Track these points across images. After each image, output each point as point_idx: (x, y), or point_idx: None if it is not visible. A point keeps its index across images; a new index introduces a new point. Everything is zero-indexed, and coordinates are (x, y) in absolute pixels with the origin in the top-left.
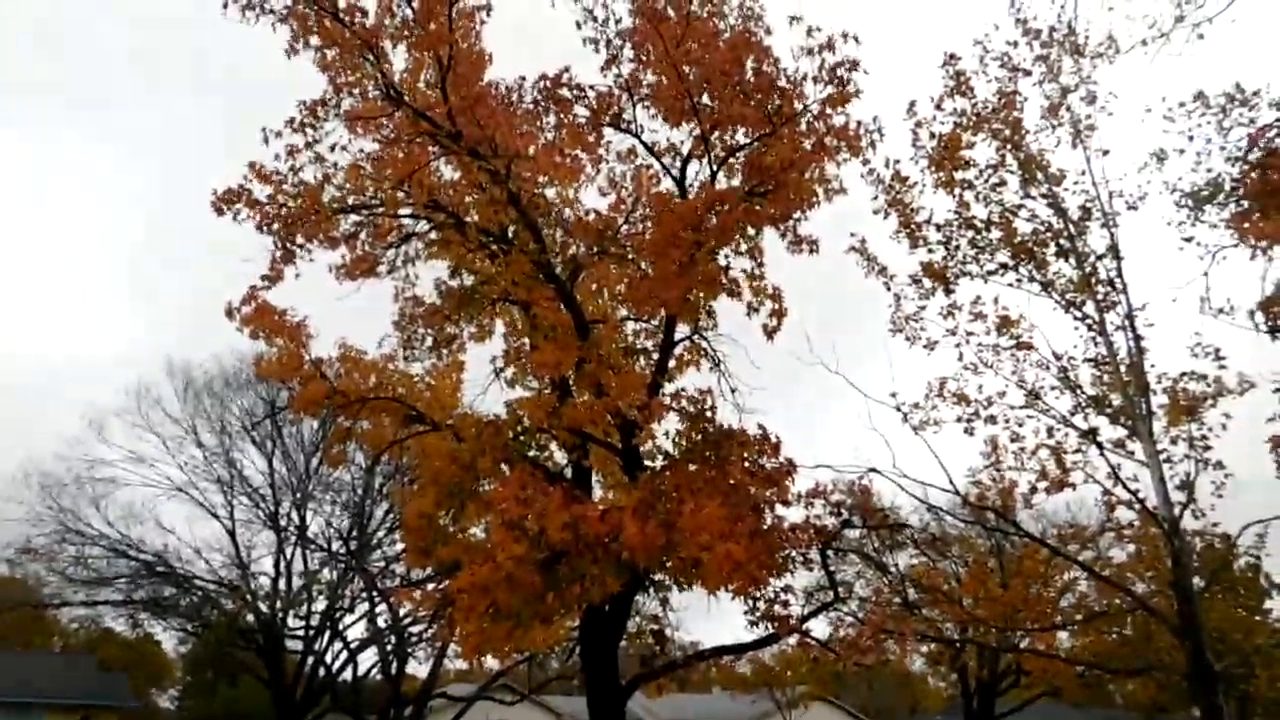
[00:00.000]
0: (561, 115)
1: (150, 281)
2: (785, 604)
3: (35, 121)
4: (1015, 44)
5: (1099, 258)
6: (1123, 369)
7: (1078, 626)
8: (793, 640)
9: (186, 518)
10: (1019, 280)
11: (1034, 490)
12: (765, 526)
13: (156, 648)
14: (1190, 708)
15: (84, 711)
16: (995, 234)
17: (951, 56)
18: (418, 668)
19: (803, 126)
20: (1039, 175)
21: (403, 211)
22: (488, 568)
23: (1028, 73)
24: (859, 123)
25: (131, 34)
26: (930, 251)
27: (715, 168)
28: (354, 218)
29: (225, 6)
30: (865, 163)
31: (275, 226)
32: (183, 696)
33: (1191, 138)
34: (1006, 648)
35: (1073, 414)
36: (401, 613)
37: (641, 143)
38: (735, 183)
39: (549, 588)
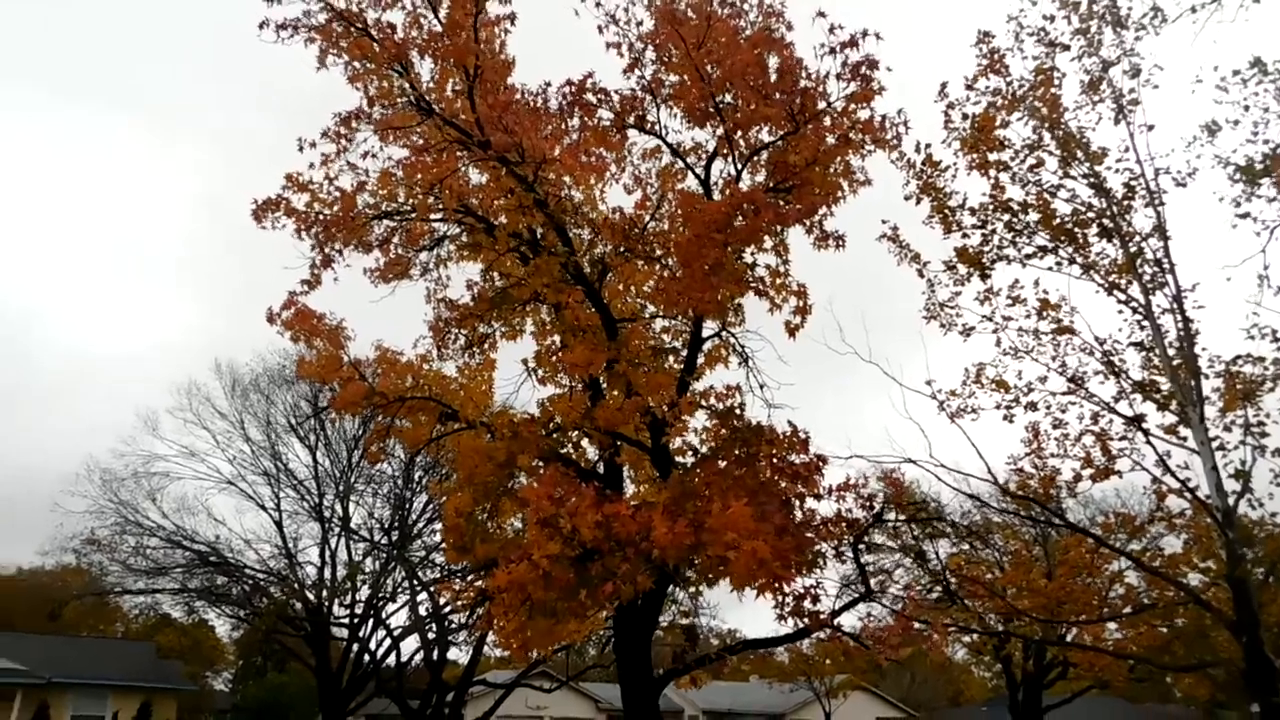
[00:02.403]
0: (585, 118)
1: (202, 277)
2: (815, 599)
3: (98, 126)
4: (1052, 18)
5: (1144, 238)
6: (1171, 352)
7: (1126, 619)
8: (824, 634)
9: (236, 509)
10: (1059, 263)
11: (1078, 478)
12: (794, 522)
13: (210, 634)
14: (1250, 704)
15: (145, 694)
16: (1033, 216)
17: (985, 34)
18: (458, 654)
19: (826, 122)
20: (1079, 154)
21: (434, 216)
22: (524, 566)
23: (1066, 47)
24: (883, 116)
25: (194, 39)
26: (965, 236)
27: (740, 166)
28: (387, 222)
29: (261, 28)
30: (894, 148)
31: (314, 232)
32: (235, 680)
33: (1247, 108)
34: (1050, 640)
35: (1117, 400)
36: (442, 601)
37: (666, 144)
38: (760, 178)
39: (582, 585)
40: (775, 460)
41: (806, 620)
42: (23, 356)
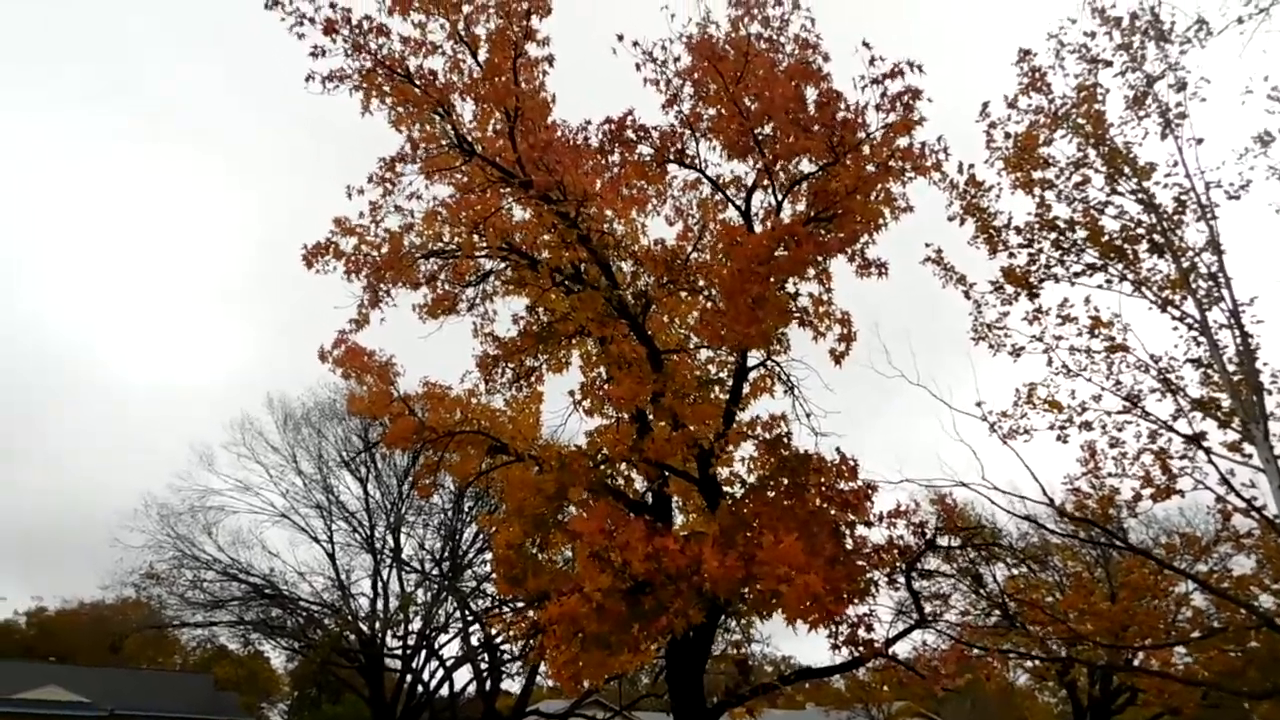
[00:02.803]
0: (626, 154)
1: (258, 311)
2: (869, 627)
3: (156, 156)
4: (1093, 35)
5: (1197, 252)
6: (1231, 368)
7: (1195, 644)
8: (879, 662)
9: (289, 542)
10: (1109, 280)
11: (1138, 498)
12: (845, 551)
13: (266, 665)
14: None
15: None
16: (1080, 233)
17: (1026, 52)
18: (511, 684)
19: (865, 151)
20: (1126, 169)
21: (478, 254)
22: (576, 598)
23: (1108, 63)
24: (923, 143)
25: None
26: (1011, 256)
27: (780, 197)
28: (434, 260)
29: (308, 80)
30: (936, 171)
31: (363, 273)
32: (290, 712)
33: None
34: (1115, 666)
35: (1176, 418)
36: (494, 631)
37: (706, 177)
38: (800, 208)
39: (635, 618)
40: (824, 489)
41: (860, 649)
42: (84, 393)
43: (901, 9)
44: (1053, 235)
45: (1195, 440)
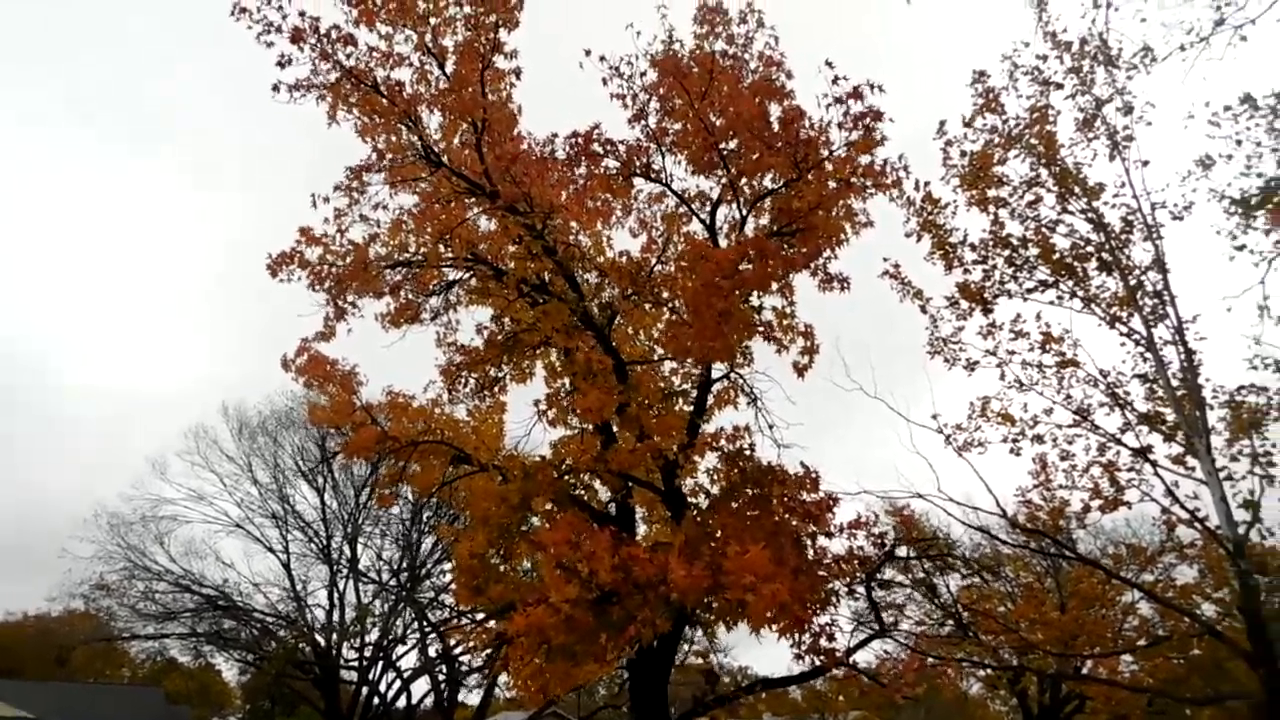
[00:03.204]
0: (592, 168)
1: (215, 321)
2: (831, 637)
3: (118, 166)
4: (1045, 58)
5: (1144, 271)
6: (1175, 383)
7: (1141, 651)
8: (840, 671)
9: (244, 552)
10: (1060, 297)
11: (1087, 509)
12: (808, 562)
13: (217, 678)
14: None
15: None
16: (1033, 251)
17: (980, 74)
18: (468, 695)
19: (828, 168)
20: (1076, 189)
21: (445, 265)
22: (543, 609)
23: (1059, 86)
24: (884, 161)
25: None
26: (966, 272)
27: (745, 212)
28: (399, 270)
29: (275, 90)
30: (896, 189)
31: (327, 285)
32: None
33: (1240, 142)
34: (1065, 674)
35: (1124, 431)
36: (453, 642)
37: (672, 191)
38: (763, 221)
39: (602, 628)
40: (787, 500)
41: (822, 658)
42: (34, 400)
43: (863, 27)
44: (1006, 252)
45: (1142, 453)
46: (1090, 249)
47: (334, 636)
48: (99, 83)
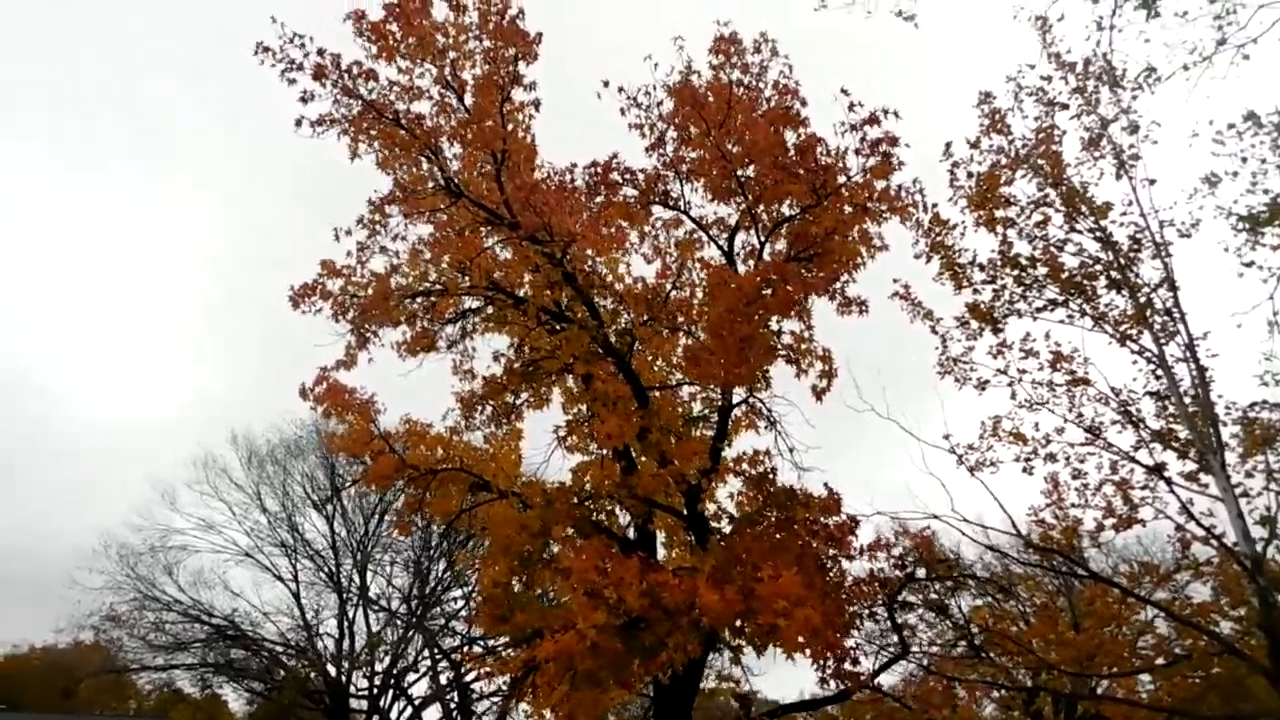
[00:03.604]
0: (610, 196)
1: (223, 350)
2: (855, 660)
3: (125, 192)
4: (1050, 79)
5: (1153, 288)
6: (1187, 401)
7: (1160, 671)
8: (863, 694)
9: (253, 581)
10: (1070, 316)
11: (1100, 528)
12: (834, 585)
13: (224, 709)
14: None
15: None
16: (1041, 270)
17: (986, 95)
18: None
19: (844, 193)
20: (1083, 208)
21: (464, 293)
22: (571, 636)
23: (1065, 106)
24: (899, 186)
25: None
26: (975, 292)
27: (763, 238)
28: (417, 299)
29: (298, 125)
30: (911, 215)
31: (350, 316)
32: None
33: (1245, 159)
34: (1081, 695)
35: (1137, 449)
36: (465, 668)
37: (691, 219)
38: (780, 246)
39: (632, 654)
40: (810, 523)
41: (848, 682)
42: (36, 430)
43: (871, 52)
44: (1015, 272)
45: (1156, 470)
46: (1099, 267)
47: (344, 665)
48: (87, 104)
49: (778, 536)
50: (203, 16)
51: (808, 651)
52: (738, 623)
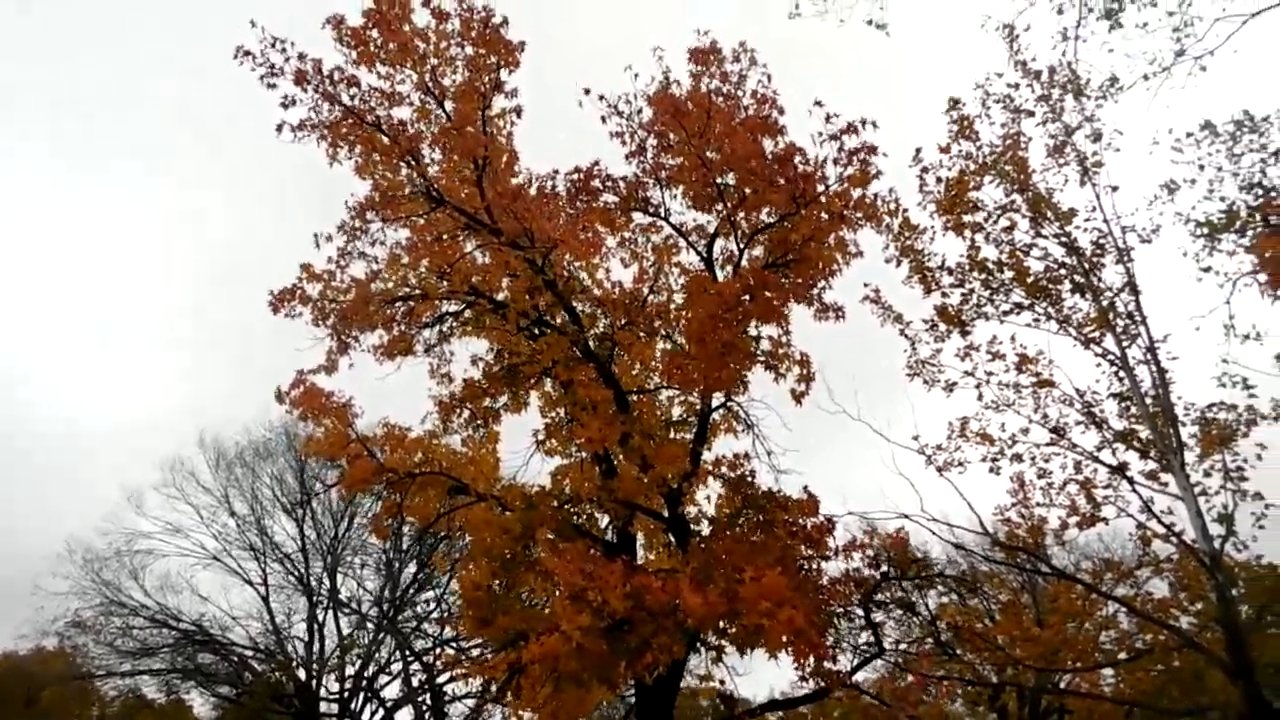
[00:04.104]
0: (590, 202)
1: (191, 347)
2: (834, 659)
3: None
4: (1017, 86)
5: (1116, 292)
6: (1148, 402)
7: (1122, 665)
8: (840, 693)
9: (222, 586)
10: (1036, 319)
11: (1065, 526)
12: (813, 585)
13: (189, 715)
14: None
15: None
16: (1008, 274)
17: (955, 101)
18: None
19: (822, 200)
20: (1049, 214)
21: (443, 298)
22: (556, 638)
23: (1031, 114)
24: (875, 195)
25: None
26: (944, 295)
27: (742, 246)
28: (396, 304)
29: (279, 130)
30: (891, 214)
31: (330, 321)
32: None
33: (1202, 167)
34: (1045, 689)
35: (1100, 449)
36: (444, 677)
37: (671, 225)
38: (757, 253)
39: (617, 655)
40: (789, 525)
41: (826, 680)
42: (3, 431)
43: (843, 58)
44: (982, 275)
45: (1119, 470)
46: (1064, 272)
47: (315, 668)
48: (61, 104)
49: (756, 538)
50: (203, 17)
51: (790, 651)
52: (721, 624)
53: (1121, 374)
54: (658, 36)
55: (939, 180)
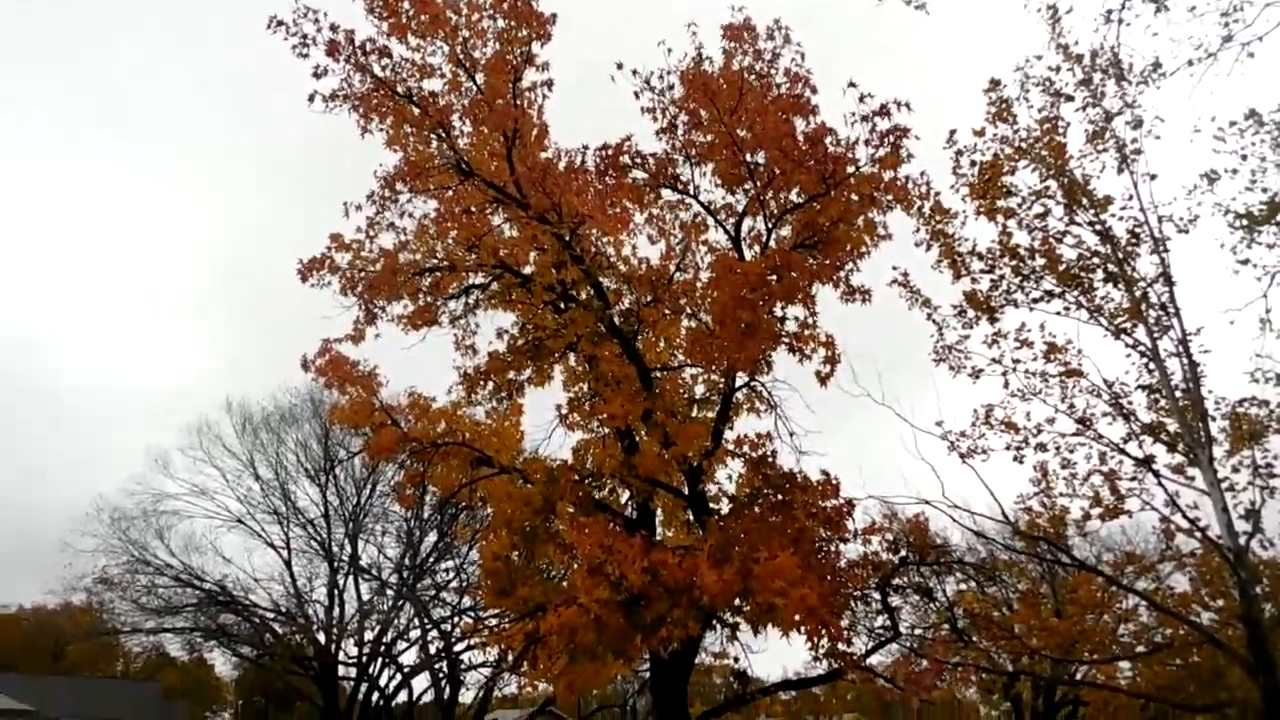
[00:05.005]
0: (619, 178)
1: (220, 314)
2: (849, 641)
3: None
4: (1057, 69)
5: (1150, 283)
6: (1178, 395)
7: (1140, 659)
8: (853, 675)
9: (244, 548)
10: (1066, 308)
11: (1087, 517)
12: (830, 567)
13: (211, 673)
14: None
15: None
16: (1039, 261)
17: (994, 83)
18: (467, 694)
19: (851, 182)
20: (1084, 201)
21: (471, 270)
22: (574, 610)
23: (1070, 98)
24: (906, 177)
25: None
26: (974, 281)
27: (770, 226)
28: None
29: (310, 100)
30: (924, 197)
31: (358, 291)
32: None
33: (1245, 157)
34: (1061, 679)
35: (1126, 441)
36: (464, 644)
37: (700, 203)
38: (785, 233)
39: (633, 629)
40: (808, 506)
41: (840, 661)
42: (35, 393)
43: (881, 37)
44: (1013, 262)
45: (1145, 463)
46: (1097, 260)
47: (334, 632)
48: (98, 80)
49: (775, 518)
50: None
51: (803, 630)
52: (736, 601)
53: (1152, 366)
54: (692, 12)
55: (973, 164)
